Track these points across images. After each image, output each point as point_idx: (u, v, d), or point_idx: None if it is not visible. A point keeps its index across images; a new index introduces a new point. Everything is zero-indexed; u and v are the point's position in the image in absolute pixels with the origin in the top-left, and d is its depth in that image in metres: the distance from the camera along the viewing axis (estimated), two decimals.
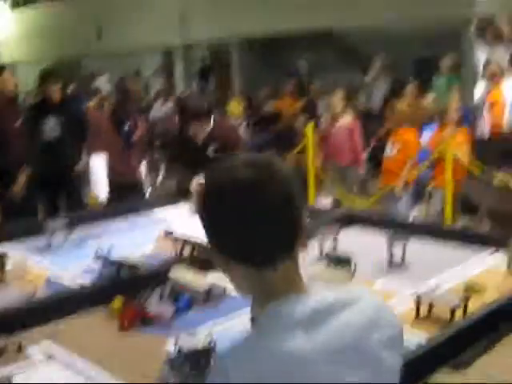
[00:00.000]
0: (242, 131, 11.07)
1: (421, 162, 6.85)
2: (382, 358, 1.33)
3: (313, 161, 7.44)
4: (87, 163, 5.06)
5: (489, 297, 2.70)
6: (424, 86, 12.37)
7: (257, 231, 1.29)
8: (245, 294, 1.40)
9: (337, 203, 8.16)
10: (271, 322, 1.30)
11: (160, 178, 6.24)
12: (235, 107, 12.54)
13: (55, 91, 6.16)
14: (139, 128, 5.21)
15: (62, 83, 6.45)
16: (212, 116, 4.64)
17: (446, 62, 10.37)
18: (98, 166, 4.94)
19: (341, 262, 3.01)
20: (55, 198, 6.46)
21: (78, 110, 6.33)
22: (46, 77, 6.24)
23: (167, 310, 2.73)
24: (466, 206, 6.94)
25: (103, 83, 17.65)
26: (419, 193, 7.19)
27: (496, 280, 2.98)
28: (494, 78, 7.40)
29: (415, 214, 6.59)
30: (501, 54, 7.64)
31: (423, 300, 2.56)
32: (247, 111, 11.31)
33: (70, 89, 16.49)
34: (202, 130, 4.58)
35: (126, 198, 4.89)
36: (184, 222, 4.23)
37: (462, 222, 6.34)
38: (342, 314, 1.32)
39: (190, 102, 4.53)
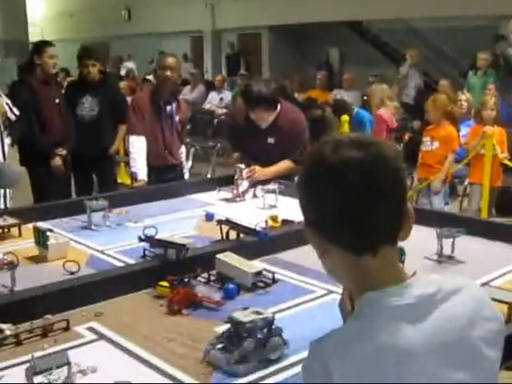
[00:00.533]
0: None
1: (458, 158, 6.77)
2: (483, 355, 1.28)
3: None
4: (128, 144, 4.99)
5: None
6: (459, 83, 12.33)
7: (362, 214, 1.24)
8: (339, 279, 1.36)
9: None
10: (375, 312, 1.25)
11: (190, 162, 6.13)
12: None
13: (93, 70, 6.13)
14: (181, 111, 5.15)
15: (100, 62, 6.42)
16: (278, 101, 4.58)
17: (481, 59, 10.24)
18: (138, 148, 4.88)
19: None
20: (90, 178, 6.45)
21: (117, 89, 6.31)
22: (84, 55, 6.20)
23: (215, 294, 2.68)
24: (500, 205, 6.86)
25: (130, 66, 17.68)
26: (453, 189, 7.11)
27: None
28: None
29: (450, 209, 6.49)
30: None
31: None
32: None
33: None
34: (267, 117, 4.54)
35: (165, 180, 4.85)
36: (224, 206, 4.21)
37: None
38: (445, 305, 1.27)
39: (257, 88, 4.47)
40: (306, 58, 16.25)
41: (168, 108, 5.01)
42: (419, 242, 3.31)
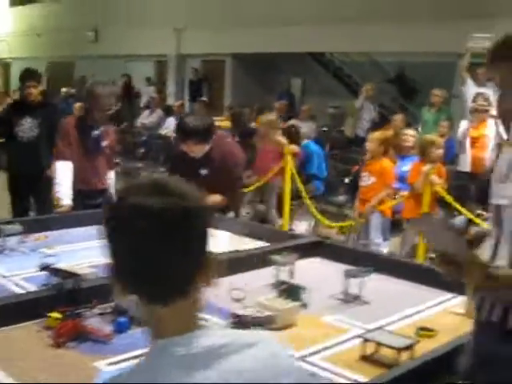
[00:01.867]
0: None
1: (398, 193, 6.80)
2: None
3: (289, 183, 7.35)
4: (54, 168, 4.94)
5: (442, 341, 2.60)
6: (412, 118, 12.44)
7: (150, 265, 1.22)
8: (143, 325, 1.32)
9: (315, 228, 8.10)
10: (161, 360, 1.22)
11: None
12: (224, 121, 12.48)
13: (34, 91, 6.07)
14: (109, 136, 5.11)
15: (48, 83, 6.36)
16: (211, 136, 4.57)
17: (436, 95, 10.36)
18: (64, 172, 4.83)
19: (292, 292, 2.91)
20: (27, 199, 6.35)
21: (57, 111, 6.26)
22: (25, 77, 6.14)
23: (106, 327, 2.62)
24: None
25: None
26: (397, 225, 7.11)
27: (452, 324, 2.89)
28: (481, 113, 7.35)
29: (387, 247, 6.49)
30: (489, 92, 7.58)
31: (370, 340, 2.46)
32: (234, 126, 11.20)
33: (64, 91, 16.52)
34: (197, 150, 4.53)
35: (92, 206, 4.79)
36: None
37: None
38: (236, 358, 1.24)
39: (190, 121, 4.46)
40: (268, 86, 16.32)
41: (94, 133, 4.96)
42: (330, 279, 3.33)
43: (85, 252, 3.68)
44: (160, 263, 1.21)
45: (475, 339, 2.25)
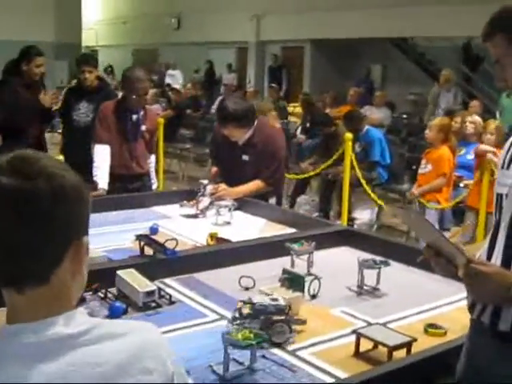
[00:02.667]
0: (298, 133, 10.88)
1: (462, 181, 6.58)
2: None
3: (348, 170, 7.16)
4: (93, 152, 4.96)
5: (448, 340, 2.42)
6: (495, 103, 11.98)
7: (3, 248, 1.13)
8: None
9: (378, 216, 7.90)
10: (4, 347, 1.14)
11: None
12: (297, 107, 12.40)
13: (90, 76, 6.11)
14: (149, 119, 5.08)
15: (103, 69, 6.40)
16: (254, 121, 4.51)
17: None
18: (102, 156, 4.84)
19: (295, 282, 2.78)
20: None
21: (111, 97, 6.28)
22: (81, 62, 6.18)
23: (102, 312, 2.58)
24: None
25: (177, 76, 17.82)
26: (460, 215, 6.86)
27: (466, 322, 2.69)
28: None
29: (449, 234, 6.25)
30: None
31: (364, 336, 2.31)
32: (306, 113, 11.08)
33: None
34: (238, 134, 4.48)
35: (130, 190, 4.79)
36: (179, 221, 4.11)
37: None
38: (90, 349, 1.15)
39: (230, 105, 4.42)
40: (347, 73, 16.06)
41: (134, 117, 4.94)
42: (350, 269, 3.17)
43: (107, 236, 3.68)
44: (11, 248, 1.13)
45: (468, 340, 2.10)
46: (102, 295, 2.76)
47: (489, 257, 2.01)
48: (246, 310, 2.35)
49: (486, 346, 1.99)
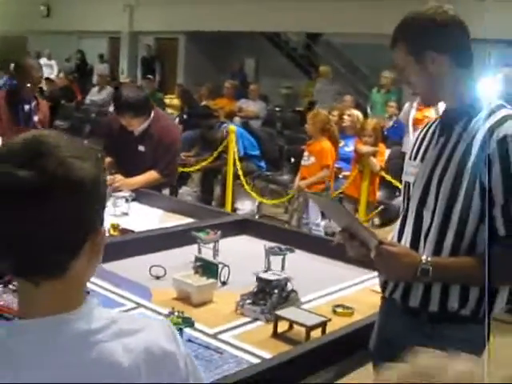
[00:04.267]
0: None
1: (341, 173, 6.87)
2: None
3: (232, 163, 7.31)
4: None
5: (357, 319, 2.59)
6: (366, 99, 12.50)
7: (5, 241, 1.11)
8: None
9: (260, 207, 8.10)
10: (17, 344, 1.12)
11: None
12: (174, 99, 12.39)
13: None
14: (41, 110, 5.00)
15: None
16: (151, 111, 4.52)
17: (385, 77, 10.40)
18: None
19: (208, 269, 2.88)
20: None
21: None
22: None
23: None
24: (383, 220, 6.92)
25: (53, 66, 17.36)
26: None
27: (371, 302, 2.88)
28: None
29: (324, 224, 6.51)
30: None
31: (282, 318, 2.44)
32: (184, 105, 11.12)
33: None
34: (136, 124, 4.48)
35: None
36: None
37: None
38: (103, 347, 1.15)
39: (126, 94, 4.41)
40: (222, 65, 16.20)
41: (26, 107, 4.86)
42: (254, 257, 3.30)
43: None
44: (29, 240, 1.10)
45: (380, 316, 2.27)
46: (15, 288, 2.73)
47: (399, 239, 2.19)
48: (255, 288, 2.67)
49: (396, 320, 2.17)
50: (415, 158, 2.21)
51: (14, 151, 1.12)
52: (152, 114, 4.58)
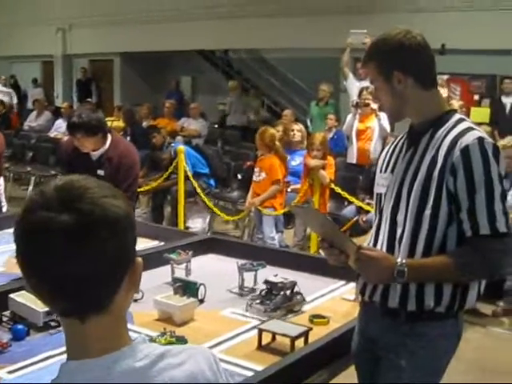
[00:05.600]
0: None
1: (293, 186, 7.02)
2: None
3: (183, 182, 7.39)
4: None
5: (334, 327, 2.72)
6: (302, 112, 12.74)
7: (49, 282, 1.15)
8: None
9: (211, 225, 8.18)
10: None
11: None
12: (115, 121, 12.35)
13: None
14: None
15: None
16: (105, 133, 4.55)
17: (322, 90, 10.62)
18: None
19: (188, 289, 2.98)
20: None
21: None
22: None
23: (4, 335, 2.61)
24: None
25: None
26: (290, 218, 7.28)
27: (344, 310, 3.03)
28: (365, 107, 7.58)
29: (280, 239, 6.64)
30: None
31: (265, 330, 2.56)
32: (127, 126, 11.10)
33: None
34: (89, 144, 4.49)
35: None
36: None
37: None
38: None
39: (78, 113, 4.42)
40: (158, 85, 16.23)
41: None
42: (225, 274, 3.42)
43: None
44: (75, 280, 1.14)
45: (360, 319, 2.40)
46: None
47: (374, 245, 2.33)
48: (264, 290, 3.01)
49: (376, 322, 2.31)
50: (385, 171, 2.36)
51: (49, 198, 1.16)
52: (110, 138, 4.60)
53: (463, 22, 10.58)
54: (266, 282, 3.00)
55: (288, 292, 2.98)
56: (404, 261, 2.15)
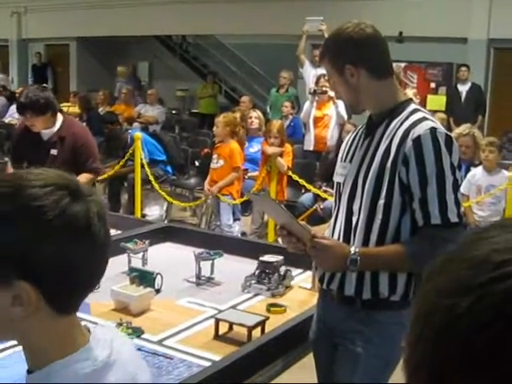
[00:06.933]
0: None
1: (250, 173, 7.01)
2: None
3: (139, 169, 7.33)
4: None
5: (291, 316, 2.74)
6: (261, 99, 12.74)
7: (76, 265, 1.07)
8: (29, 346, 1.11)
9: (168, 213, 8.14)
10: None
11: None
12: (71, 107, 12.20)
13: None
14: None
15: None
16: (55, 112, 4.48)
17: (283, 77, 10.60)
18: None
19: (144, 278, 2.96)
20: None
21: None
22: None
23: None
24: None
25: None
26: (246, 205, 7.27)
27: (301, 298, 3.05)
28: (322, 94, 7.60)
29: (239, 227, 6.63)
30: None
31: (222, 320, 2.56)
32: (83, 112, 10.98)
33: None
34: (39, 124, 4.43)
35: None
36: None
37: None
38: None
39: (26, 92, 4.36)
40: (114, 71, 16.07)
41: None
42: (182, 263, 3.40)
43: None
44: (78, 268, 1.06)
45: (318, 307, 2.42)
46: None
47: (332, 234, 2.35)
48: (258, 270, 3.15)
49: (334, 309, 2.32)
50: (345, 160, 2.37)
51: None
52: (62, 118, 4.54)
53: (421, 10, 10.67)
54: (261, 261, 3.16)
55: (282, 269, 3.15)
56: (357, 249, 2.17)
